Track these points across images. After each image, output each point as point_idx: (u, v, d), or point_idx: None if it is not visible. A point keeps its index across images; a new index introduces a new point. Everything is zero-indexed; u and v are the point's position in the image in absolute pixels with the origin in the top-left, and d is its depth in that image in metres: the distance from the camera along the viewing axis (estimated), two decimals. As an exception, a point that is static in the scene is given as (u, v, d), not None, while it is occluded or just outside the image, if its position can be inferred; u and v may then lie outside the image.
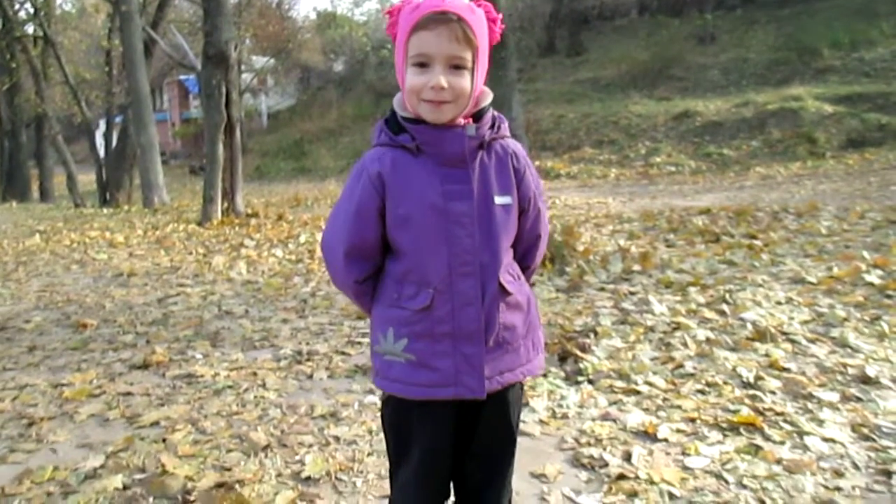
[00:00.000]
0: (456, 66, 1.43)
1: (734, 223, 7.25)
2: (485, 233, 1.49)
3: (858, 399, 2.86)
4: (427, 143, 1.48)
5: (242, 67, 24.88)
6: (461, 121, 1.49)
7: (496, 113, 1.56)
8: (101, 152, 17.52)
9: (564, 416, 2.82)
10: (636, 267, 5.37)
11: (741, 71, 18.99)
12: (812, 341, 3.55)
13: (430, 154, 1.48)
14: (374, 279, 1.58)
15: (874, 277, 4.59)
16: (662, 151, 15.43)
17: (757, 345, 3.52)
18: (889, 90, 15.02)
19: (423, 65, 1.43)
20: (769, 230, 6.68)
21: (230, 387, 3.37)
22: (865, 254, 5.24)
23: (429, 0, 1.42)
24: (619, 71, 20.92)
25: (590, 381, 3.17)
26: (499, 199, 1.50)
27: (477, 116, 1.52)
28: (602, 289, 4.88)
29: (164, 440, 2.78)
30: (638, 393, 3.01)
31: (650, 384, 3.09)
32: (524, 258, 1.65)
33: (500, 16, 1.51)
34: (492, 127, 1.53)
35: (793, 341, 3.56)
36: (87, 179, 19.19)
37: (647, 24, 24.25)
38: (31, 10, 18.36)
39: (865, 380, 3.03)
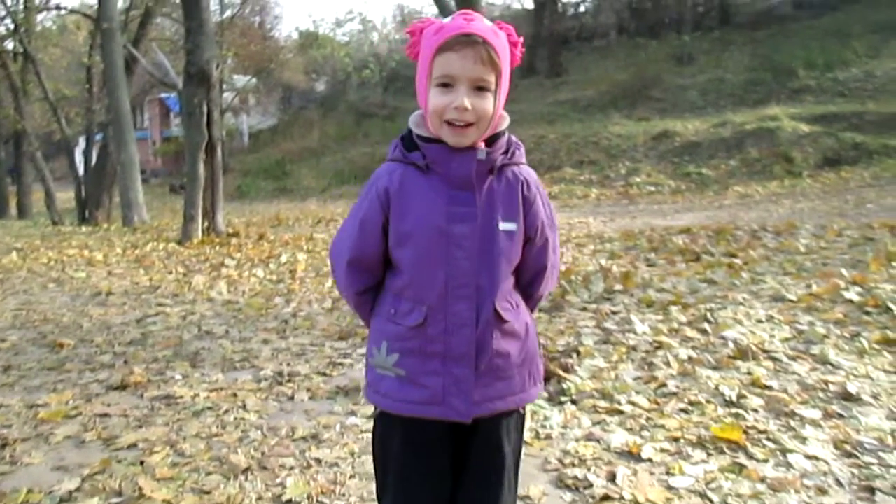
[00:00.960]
0: (480, 88, 1.44)
1: (714, 242, 7.30)
2: (485, 257, 1.49)
3: (840, 416, 2.87)
4: (436, 163, 1.48)
5: (224, 86, 24.83)
6: (479, 143, 1.49)
7: (514, 139, 1.56)
8: (81, 170, 17.38)
9: (548, 437, 2.81)
10: (618, 286, 5.38)
11: (719, 91, 19.23)
12: (793, 359, 3.57)
13: (439, 174, 1.48)
14: (375, 292, 1.60)
15: (853, 294, 4.63)
16: (642, 171, 15.55)
17: (739, 363, 3.53)
18: (863, 109, 15.27)
19: (447, 85, 1.44)
20: (749, 249, 6.73)
21: (210, 408, 3.32)
22: (844, 271, 5.29)
23: (454, 22, 1.44)
24: (598, 91, 21.11)
25: (573, 402, 3.16)
26: (503, 225, 1.49)
27: (492, 140, 1.51)
28: (584, 308, 4.88)
29: (141, 462, 2.73)
30: (621, 413, 3.01)
31: (633, 404, 3.09)
32: (529, 286, 1.62)
33: (521, 39, 1.52)
34: (505, 152, 1.53)
35: (774, 359, 3.57)
36: (65, 197, 19.00)
37: (626, 45, 24.56)
38: (11, 27, 18.24)
39: (847, 396, 3.05)
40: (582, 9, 28.40)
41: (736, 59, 20.70)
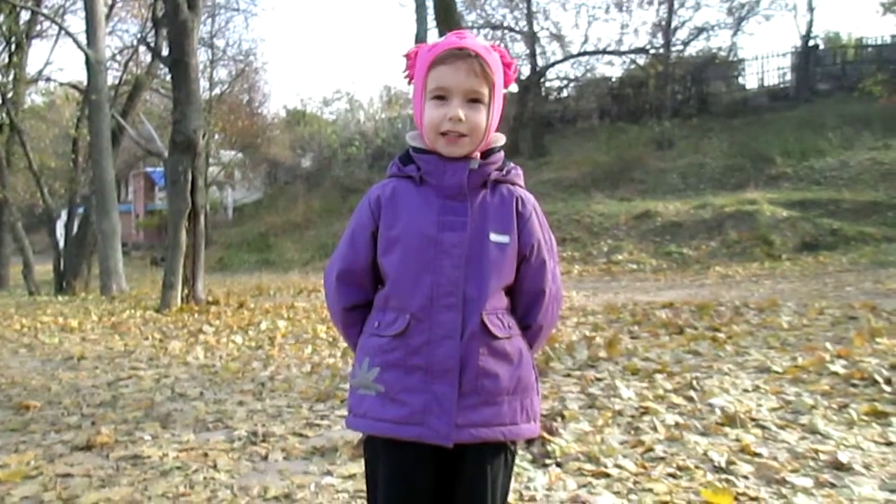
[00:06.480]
0: (473, 100, 1.47)
1: (697, 317, 7.28)
2: (474, 266, 1.46)
3: (832, 485, 2.78)
4: (430, 174, 1.50)
5: (210, 160, 25.04)
6: (473, 155, 1.52)
7: (512, 164, 1.58)
8: (61, 243, 17.25)
9: (532, 499, 2.70)
10: (602, 354, 5.32)
11: (698, 175, 19.58)
12: (782, 427, 3.49)
13: (432, 185, 1.50)
14: (365, 312, 1.56)
15: (839, 367, 4.58)
16: (624, 249, 15.65)
17: (727, 429, 3.45)
18: (839, 197, 15.57)
19: (441, 98, 1.47)
20: (732, 323, 6.71)
21: (178, 468, 3.18)
22: (828, 345, 5.26)
23: (447, 39, 1.49)
24: (581, 172, 21.43)
25: (558, 464, 3.05)
26: (494, 237, 1.49)
27: (486, 154, 1.53)
28: (568, 375, 4.79)
29: (102, 523, 2.59)
30: (608, 476, 2.90)
31: (620, 467, 2.98)
32: (526, 314, 1.57)
33: (515, 61, 1.56)
34: (500, 169, 1.54)
35: (763, 427, 3.49)
36: (44, 269, 18.75)
37: (608, 129, 25.06)
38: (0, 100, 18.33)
39: (838, 466, 2.96)
40: (565, 93, 29.10)
41: (714, 146, 21.16)
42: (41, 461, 3.36)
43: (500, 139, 1.57)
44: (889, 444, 3.23)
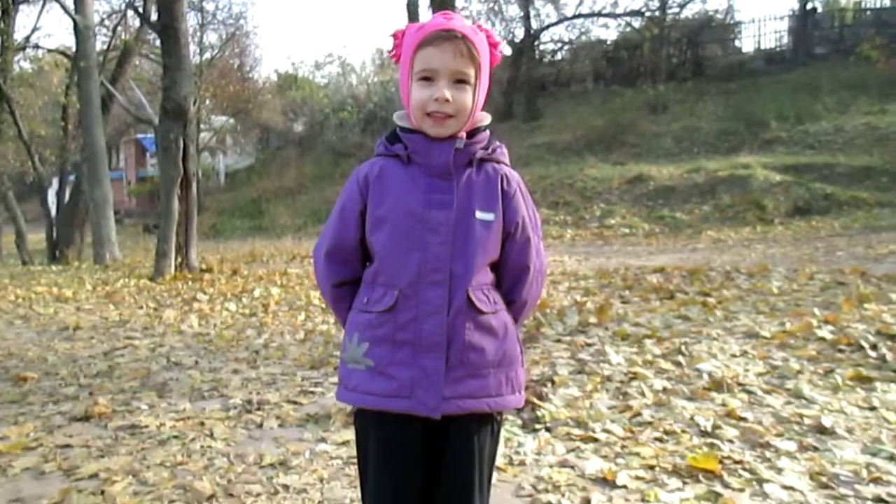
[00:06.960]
0: (459, 81, 1.49)
1: (688, 281, 7.33)
2: (460, 244, 1.50)
3: (815, 448, 2.85)
4: (417, 153, 1.52)
5: (202, 126, 24.85)
6: (459, 135, 1.54)
7: (497, 143, 1.60)
8: (53, 211, 17.19)
9: (522, 463, 2.76)
10: (592, 320, 5.37)
11: (692, 139, 19.53)
12: (768, 392, 3.56)
13: (419, 163, 1.52)
14: (353, 289, 1.59)
15: (826, 333, 4.64)
16: (617, 214, 15.69)
17: (714, 394, 3.52)
18: (833, 161, 15.57)
19: (428, 79, 1.49)
20: (722, 288, 6.77)
21: (176, 437, 3.24)
22: (816, 311, 5.32)
23: (434, 20, 1.51)
24: (574, 136, 21.35)
25: (547, 429, 3.12)
26: (480, 214, 1.52)
27: (472, 134, 1.56)
28: (559, 340, 4.86)
29: (102, 492, 2.64)
30: (596, 440, 2.97)
31: (608, 432, 3.05)
32: (511, 290, 1.61)
33: (501, 41, 1.58)
34: (486, 148, 1.56)
35: (749, 392, 3.56)
36: (36, 239, 18.72)
37: (602, 92, 24.91)
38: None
39: (822, 430, 3.03)
40: (559, 56, 28.84)
41: (709, 109, 21.06)
42: (40, 432, 3.41)
43: (486, 118, 1.59)
44: (872, 408, 3.30)
